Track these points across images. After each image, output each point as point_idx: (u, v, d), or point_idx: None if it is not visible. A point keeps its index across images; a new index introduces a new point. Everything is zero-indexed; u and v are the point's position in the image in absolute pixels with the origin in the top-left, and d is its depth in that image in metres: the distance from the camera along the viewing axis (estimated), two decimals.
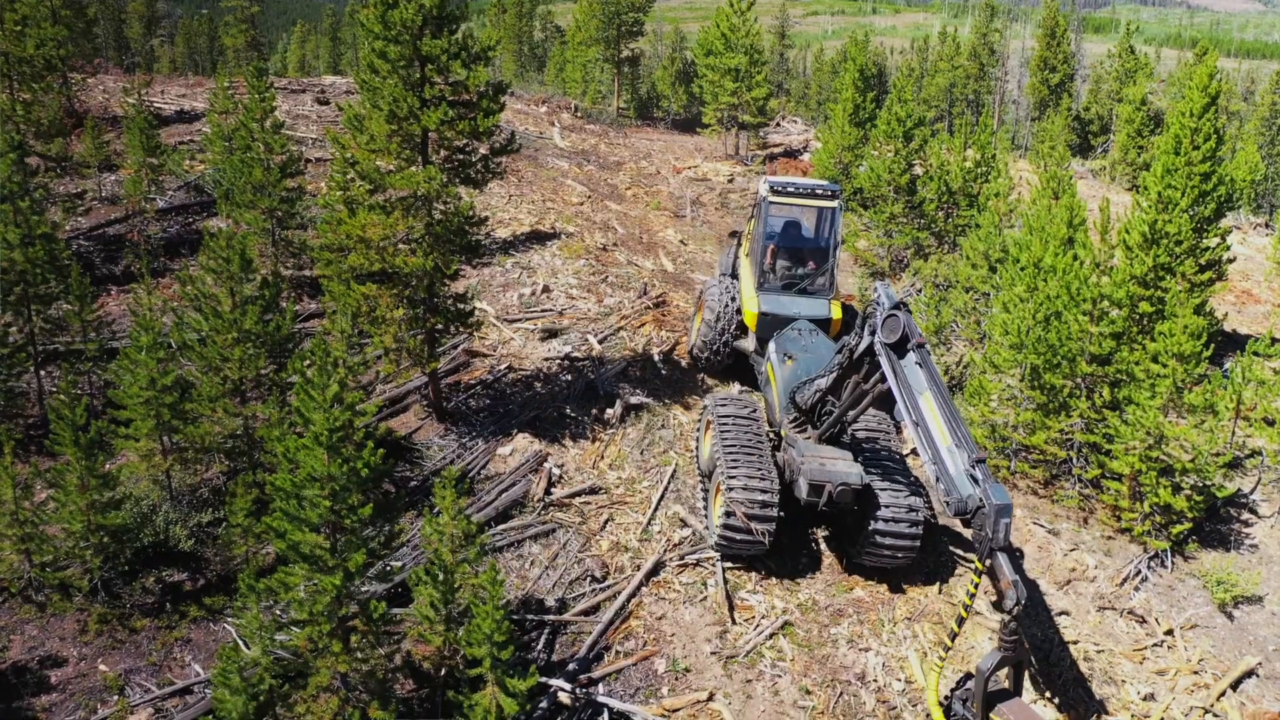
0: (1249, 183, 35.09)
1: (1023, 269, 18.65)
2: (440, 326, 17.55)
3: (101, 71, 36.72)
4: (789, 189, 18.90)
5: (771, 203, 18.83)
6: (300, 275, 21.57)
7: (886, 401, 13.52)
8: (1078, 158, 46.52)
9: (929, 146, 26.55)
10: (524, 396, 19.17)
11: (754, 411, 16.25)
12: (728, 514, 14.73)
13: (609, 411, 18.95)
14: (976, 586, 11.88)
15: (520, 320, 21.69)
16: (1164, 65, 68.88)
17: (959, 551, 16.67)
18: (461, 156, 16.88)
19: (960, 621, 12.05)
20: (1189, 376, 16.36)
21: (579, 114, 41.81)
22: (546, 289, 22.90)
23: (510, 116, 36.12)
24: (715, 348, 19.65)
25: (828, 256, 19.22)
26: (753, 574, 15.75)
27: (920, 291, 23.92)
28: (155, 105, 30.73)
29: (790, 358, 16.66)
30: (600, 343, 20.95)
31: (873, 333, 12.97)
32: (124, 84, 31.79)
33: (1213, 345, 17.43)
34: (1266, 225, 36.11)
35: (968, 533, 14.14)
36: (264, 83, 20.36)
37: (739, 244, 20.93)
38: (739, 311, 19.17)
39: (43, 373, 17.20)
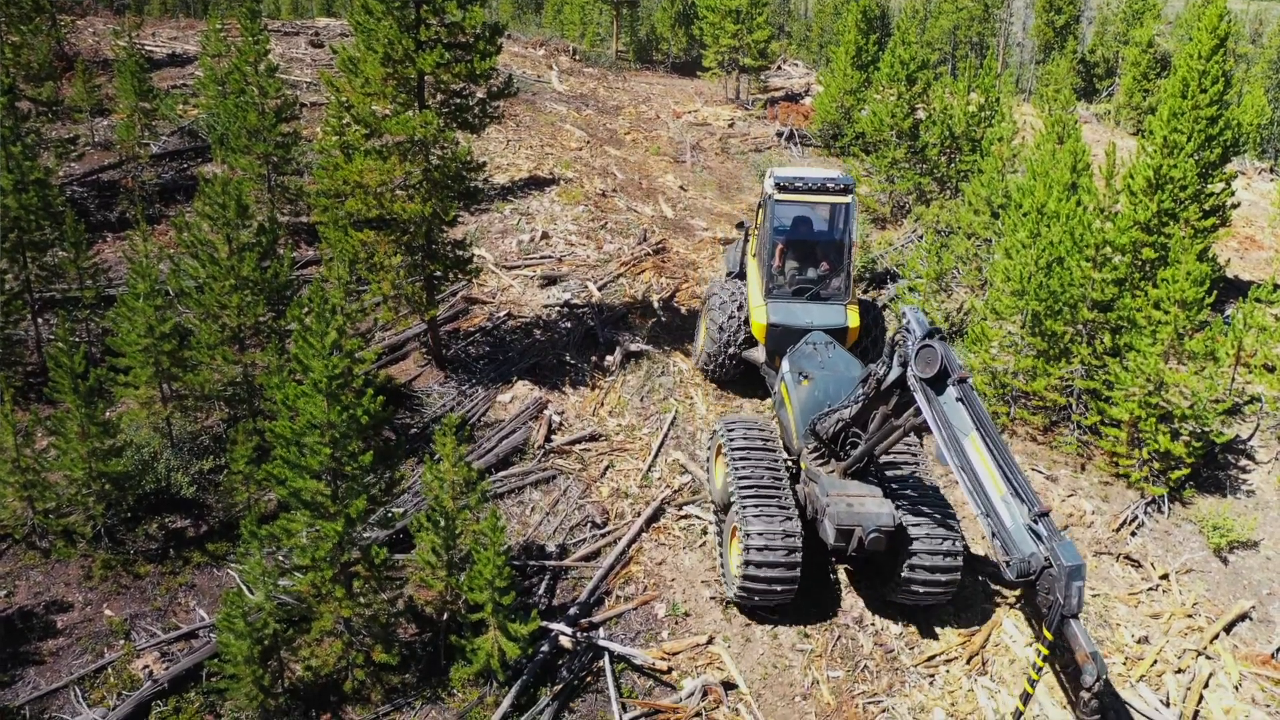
0: (1255, 127, 34.73)
1: (1025, 215, 18.50)
2: (439, 273, 17.46)
3: (91, 13, 36.08)
4: (797, 184, 17.07)
5: (778, 201, 17.06)
6: (297, 222, 21.40)
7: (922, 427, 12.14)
8: (1082, 101, 45.96)
9: (932, 90, 26.18)
10: (523, 344, 19.14)
11: (770, 440, 14.78)
12: (747, 564, 13.16)
13: (609, 358, 18.93)
14: (1045, 659, 10.45)
15: (519, 267, 21.57)
16: (1171, 7, 67.72)
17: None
18: (458, 100, 16.64)
19: (1026, 699, 10.68)
20: (1190, 323, 16.31)
21: (577, 57, 41.20)
22: (545, 235, 22.74)
23: (507, 59, 35.59)
24: (721, 360, 18.04)
25: (842, 257, 17.39)
26: None
27: (921, 238, 23.76)
28: (147, 48, 30.24)
29: (806, 377, 14.95)
30: (600, 289, 20.86)
31: (903, 364, 11.60)
32: (114, 26, 31.26)
33: (1215, 292, 17.36)
34: (1271, 170, 35.79)
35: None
36: (257, 25, 20.02)
37: (746, 240, 19.17)
38: (746, 320, 17.54)
39: (40, 320, 17.14)
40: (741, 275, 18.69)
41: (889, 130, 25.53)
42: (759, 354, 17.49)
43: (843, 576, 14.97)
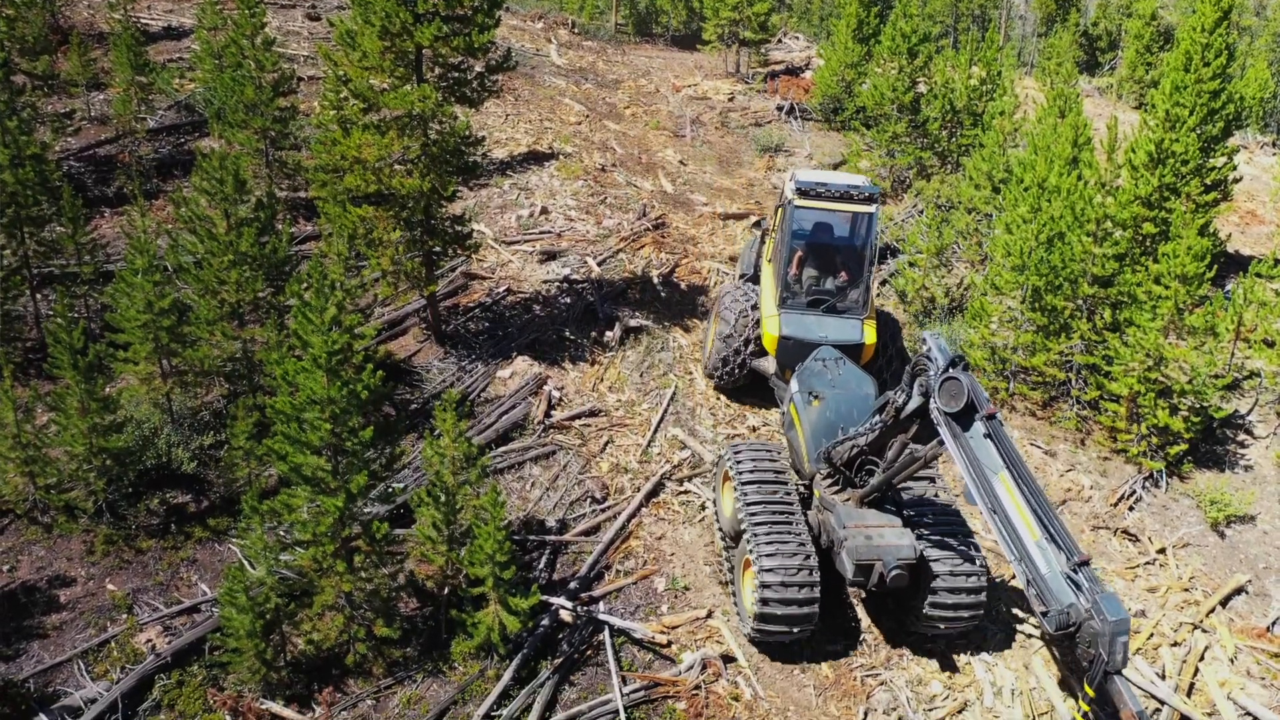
0: (1258, 101, 34.51)
1: (1026, 189, 18.42)
2: (438, 249, 17.42)
3: None
4: (819, 190, 16.03)
5: (798, 207, 16.11)
6: (295, 197, 21.32)
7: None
8: (1085, 75, 45.65)
9: (933, 63, 26.01)
10: (523, 319, 19.12)
11: (780, 468, 14.03)
12: (764, 602, 12.56)
13: (608, 334, 18.92)
14: (1085, 717, 9.82)
15: (518, 242, 21.51)
16: None
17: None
18: (456, 74, 16.54)
19: None
20: (1191, 298, 16.30)
21: (576, 30, 40.89)
22: (545, 210, 22.67)
23: (506, 33, 35.33)
24: (730, 368, 17.16)
25: (862, 269, 16.44)
26: None
27: (922, 212, 23.68)
28: (142, 21, 29.96)
29: (816, 397, 14.26)
30: (599, 265, 20.81)
31: (924, 394, 10.99)
32: None
33: (1215, 266, 17.33)
34: (1274, 145, 35.61)
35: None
36: None
37: (762, 241, 18.29)
38: (758, 326, 16.73)
39: (38, 296, 17.11)
40: (755, 278, 17.89)
41: (890, 104, 25.39)
42: (769, 365, 16.66)
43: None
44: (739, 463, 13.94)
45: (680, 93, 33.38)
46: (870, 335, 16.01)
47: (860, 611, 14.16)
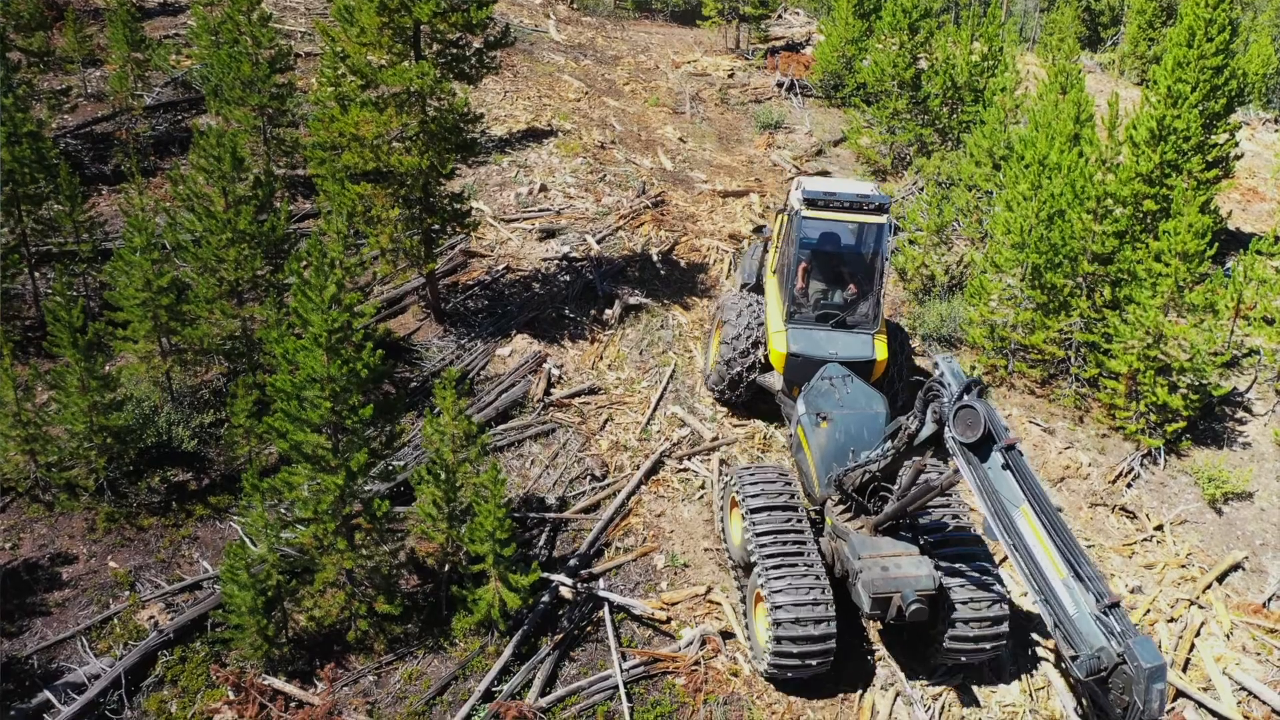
0: (1261, 77, 34.32)
1: (1027, 166, 18.36)
2: (437, 226, 17.38)
3: None
4: (828, 201, 15.18)
5: (806, 218, 15.28)
6: (293, 174, 21.23)
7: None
8: (1087, 51, 45.39)
9: (935, 39, 25.84)
10: (522, 297, 19.11)
11: (790, 493, 13.38)
12: (779, 639, 12.05)
13: (608, 312, 18.91)
14: None
15: (517, 220, 21.45)
16: None
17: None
18: (455, 50, 16.43)
19: None
20: (1191, 275, 16.28)
21: (575, 5, 40.58)
22: (544, 188, 22.59)
23: (504, 8, 35.06)
24: (734, 385, 16.39)
25: (872, 283, 15.66)
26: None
27: (922, 190, 23.61)
28: None
29: (824, 419, 13.71)
30: (598, 243, 20.77)
31: (938, 421, 10.50)
32: None
33: (1216, 244, 17.31)
34: (1276, 121, 35.45)
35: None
36: None
37: (765, 250, 17.51)
38: (763, 341, 15.96)
39: (37, 274, 17.08)
40: (757, 288, 17.19)
41: (890, 80, 25.25)
42: (775, 381, 15.92)
43: None
44: (746, 489, 13.33)
45: (680, 69, 33.18)
46: (881, 351, 15.32)
47: None
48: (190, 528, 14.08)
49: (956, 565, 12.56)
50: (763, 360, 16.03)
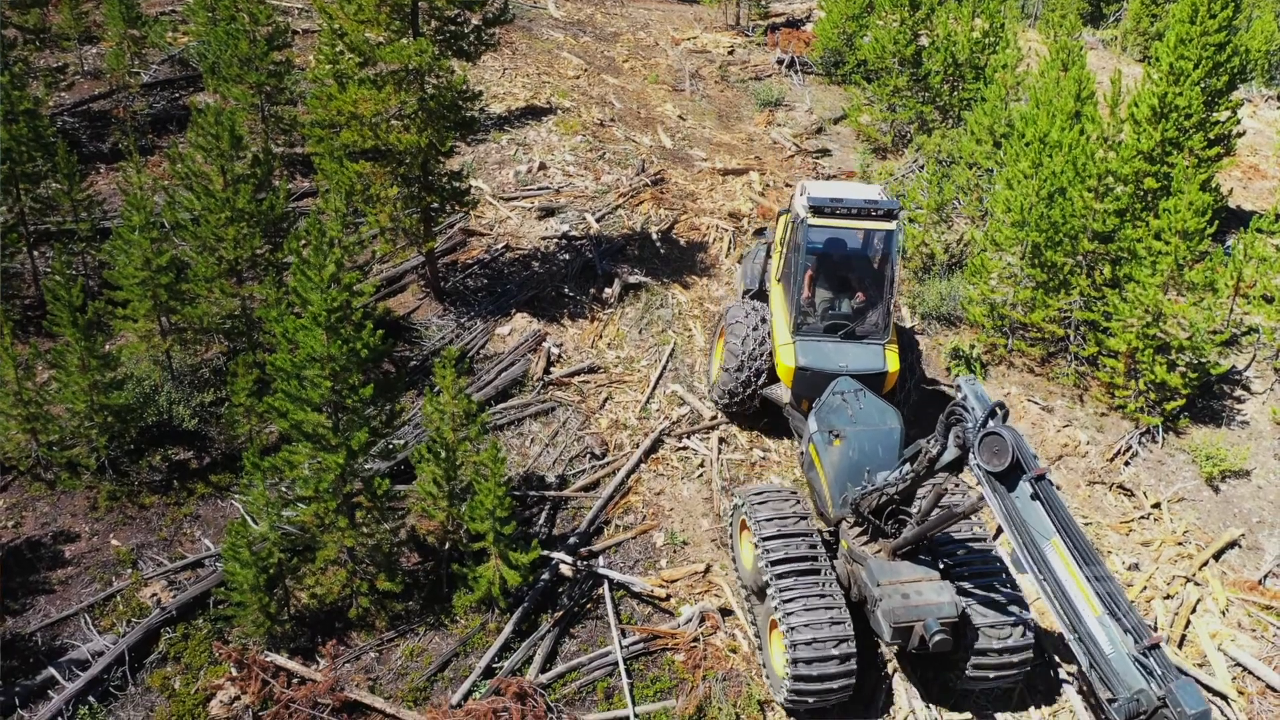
0: (1264, 54, 34.10)
1: (1028, 144, 18.30)
2: (436, 205, 17.34)
3: None
4: (835, 208, 14.55)
5: (812, 226, 14.66)
6: (292, 153, 21.15)
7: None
8: (1089, 27, 45.06)
9: (936, 16, 25.66)
10: (522, 276, 19.09)
11: (803, 515, 12.97)
12: (797, 664, 11.63)
13: (607, 291, 18.90)
14: None
15: (517, 198, 21.40)
16: None
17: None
18: (453, 27, 16.35)
19: None
20: (1191, 254, 16.27)
21: None
22: (543, 166, 22.52)
23: None
24: (739, 397, 15.81)
25: (882, 290, 15.07)
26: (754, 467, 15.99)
27: (923, 168, 23.53)
28: None
29: (837, 436, 13.24)
30: (598, 221, 20.73)
31: (962, 446, 10.16)
32: None
33: (1217, 222, 17.28)
34: (1279, 98, 35.26)
35: None
36: None
37: (767, 255, 16.90)
38: (770, 352, 15.40)
39: (36, 253, 17.06)
40: (759, 294, 16.66)
41: (891, 58, 25.10)
42: (783, 394, 15.28)
43: None
44: (758, 513, 12.89)
45: (679, 46, 32.98)
46: (893, 362, 14.70)
47: None
48: (192, 506, 14.14)
49: (977, 587, 12.20)
50: (769, 371, 15.49)
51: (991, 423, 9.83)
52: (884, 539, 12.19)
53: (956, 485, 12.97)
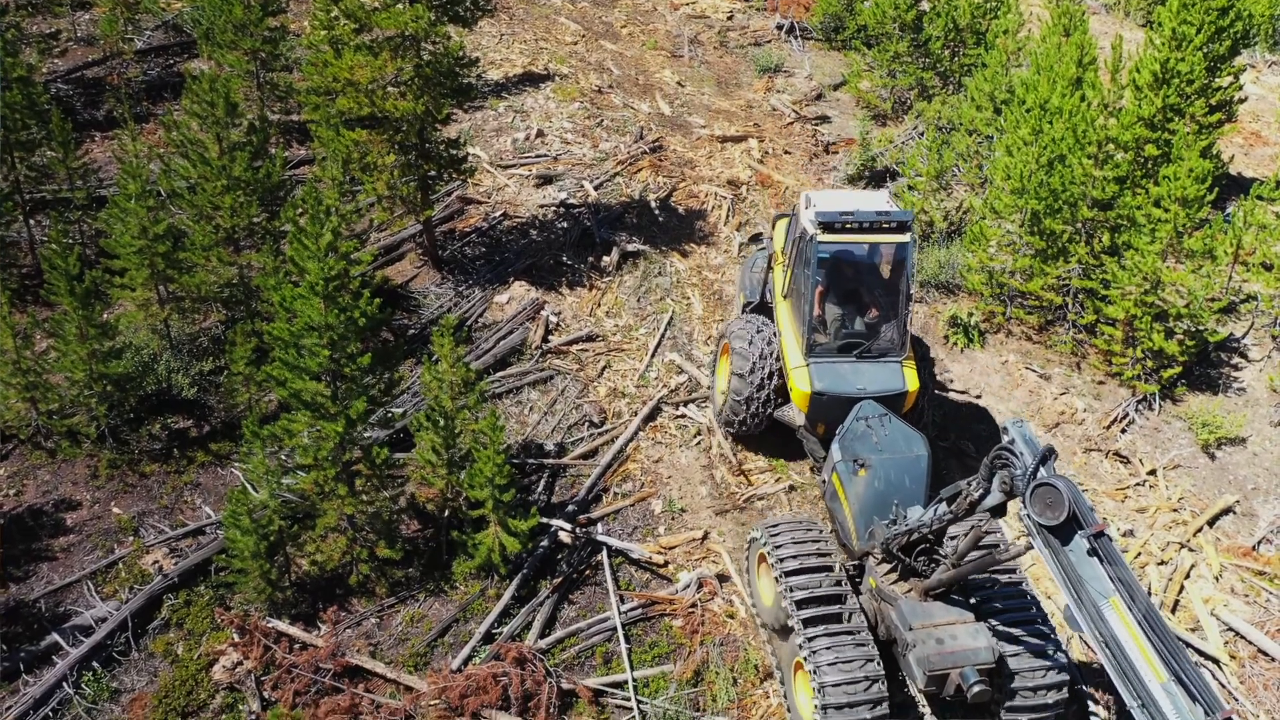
0: (1267, 18, 33.77)
1: (1028, 111, 18.18)
2: (433, 173, 17.26)
3: None
4: (845, 223, 13.62)
5: (821, 242, 13.71)
6: (288, 120, 21.01)
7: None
8: None
9: None
10: (520, 244, 19.05)
11: (825, 549, 12.35)
12: (825, 709, 11.06)
13: (605, 259, 18.87)
14: None
15: (514, 166, 21.29)
16: None
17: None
18: None
19: None
20: (1191, 221, 16.22)
21: None
22: (541, 133, 22.38)
23: None
24: (745, 418, 14.86)
25: (897, 305, 14.23)
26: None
27: (922, 135, 23.41)
28: None
29: (862, 466, 12.57)
30: (596, 189, 20.64)
31: (1008, 493, 9.49)
32: None
33: (1217, 189, 17.21)
34: None
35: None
36: None
37: (769, 266, 15.85)
38: (781, 375, 14.45)
39: (32, 222, 17.00)
40: (761, 308, 15.73)
41: (891, 22, 24.87)
42: (796, 416, 14.41)
43: None
44: (778, 548, 12.26)
45: (678, 11, 32.66)
46: (912, 381, 13.90)
47: None
48: (192, 474, 14.21)
49: (1010, 625, 11.65)
50: (780, 396, 14.67)
51: (1043, 471, 9.14)
52: (914, 578, 11.54)
53: (995, 528, 12.44)
